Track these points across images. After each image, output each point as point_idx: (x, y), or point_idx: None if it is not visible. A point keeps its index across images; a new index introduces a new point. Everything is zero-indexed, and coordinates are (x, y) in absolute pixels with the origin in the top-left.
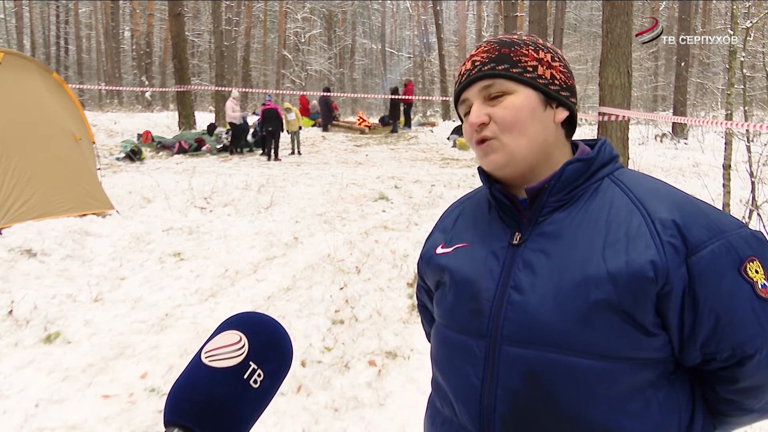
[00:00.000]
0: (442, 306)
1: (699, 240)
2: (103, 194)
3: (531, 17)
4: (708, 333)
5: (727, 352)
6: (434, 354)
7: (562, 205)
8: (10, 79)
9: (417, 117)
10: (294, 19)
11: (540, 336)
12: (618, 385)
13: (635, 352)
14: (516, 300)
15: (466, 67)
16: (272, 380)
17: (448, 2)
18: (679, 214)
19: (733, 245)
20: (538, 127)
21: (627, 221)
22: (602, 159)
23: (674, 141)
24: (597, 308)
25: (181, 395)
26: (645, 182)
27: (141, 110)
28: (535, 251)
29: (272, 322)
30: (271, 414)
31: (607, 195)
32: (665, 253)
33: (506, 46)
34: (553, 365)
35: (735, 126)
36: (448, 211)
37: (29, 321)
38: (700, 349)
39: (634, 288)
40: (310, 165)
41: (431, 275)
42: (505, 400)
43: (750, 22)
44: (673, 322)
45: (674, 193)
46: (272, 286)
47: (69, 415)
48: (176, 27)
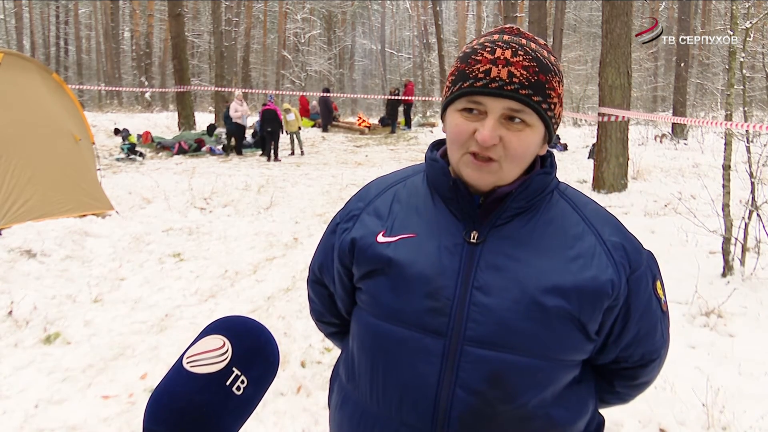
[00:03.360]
0: (379, 297)
1: (636, 261)
2: (102, 195)
3: (531, 18)
4: (629, 340)
5: (638, 356)
6: (368, 346)
7: (522, 212)
8: (9, 79)
9: (417, 117)
10: (294, 20)
11: (506, 339)
12: (559, 382)
13: (576, 354)
14: (482, 301)
15: (500, 73)
16: (256, 387)
17: (447, 3)
18: (621, 237)
19: (650, 266)
20: (530, 158)
21: (582, 238)
22: (554, 173)
23: (674, 141)
24: (558, 315)
25: (160, 402)
26: (588, 203)
27: (141, 111)
28: (499, 254)
29: (258, 326)
30: (271, 414)
31: (559, 208)
32: (618, 272)
33: (543, 72)
34: (515, 367)
35: (734, 126)
36: (373, 192)
37: (29, 321)
38: (618, 352)
39: (594, 301)
40: (309, 165)
41: (365, 264)
42: (464, 399)
43: (750, 23)
44: (606, 330)
45: (610, 216)
46: (272, 286)
47: (69, 415)
48: (176, 27)
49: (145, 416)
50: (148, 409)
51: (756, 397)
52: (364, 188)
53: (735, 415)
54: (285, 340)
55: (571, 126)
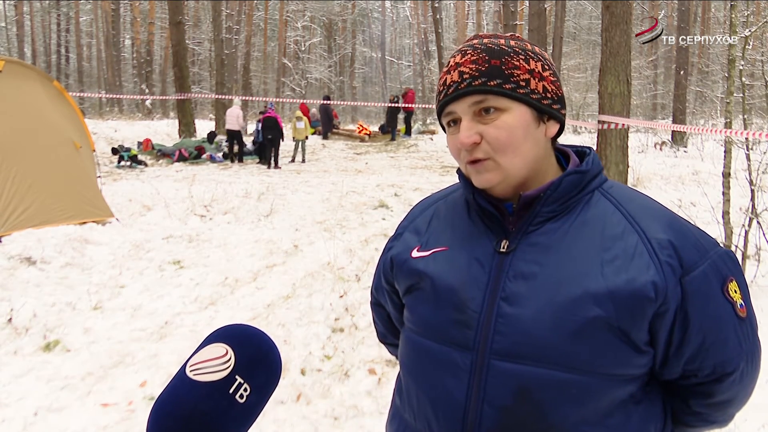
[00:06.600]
0: (416, 313)
1: (692, 260)
2: (103, 202)
3: (530, 26)
4: (694, 351)
5: (709, 369)
6: (407, 362)
7: (555, 215)
8: (10, 87)
9: (417, 125)
10: (294, 28)
11: (533, 351)
12: (604, 400)
13: (623, 368)
14: (508, 312)
15: (452, 78)
16: (259, 395)
17: (447, 11)
18: (672, 234)
19: (717, 266)
20: (531, 143)
21: (623, 238)
22: (593, 171)
23: (674, 149)
24: (593, 324)
25: (163, 410)
26: (634, 198)
27: (141, 118)
28: (528, 261)
29: (260, 334)
30: (271, 422)
31: (599, 208)
32: (664, 274)
33: (496, 56)
34: (545, 381)
35: (734, 134)
36: (418, 210)
37: (28, 329)
38: (684, 366)
39: (634, 307)
40: (309, 173)
41: (404, 279)
42: (492, 416)
43: (749, 31)
44: (662, 340)
45: (662, 211)
46: (272, 294)
47: (68, 423)
48: (177, 35)
49: (148, 424)
50: (152, 417)
51: (757, 406)
52: (413, 207)
53: (736, 423)
54: (285, 347)
55: (571, 134)
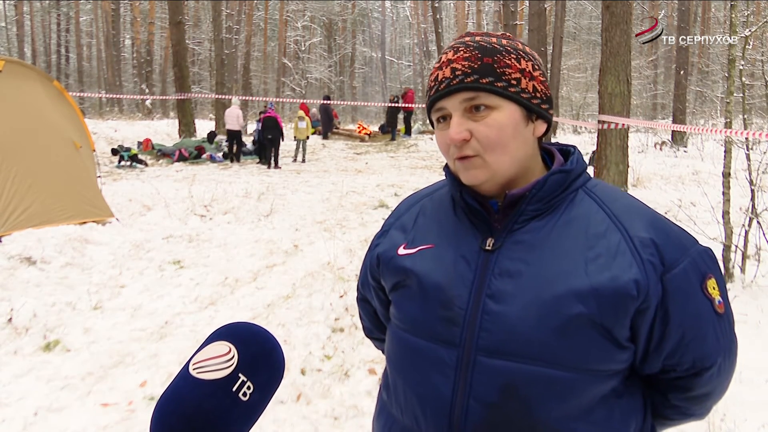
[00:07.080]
0: (403, 310)
1: (673, 258)
2: (103, 202)
3: (530, 26)
4: (673, 346)
5: (688, 363)
6: (394, 359)
7: (540, 214)
8: (10, 87)
9: (417, 125)
10: (294, 28)
11: (519, 348)
12: (587, 395)
13: (606, 364)
14: (494, 309)
15: (444, 74)
16: (262, 393)
17: (447, 11)
18: (654, 233)
19: (697, 263)
20: (519, 142)
21: (606, 237)
22: (577, 170)
23: (674, 149)
24: (577, 321)
25: (167, 408)
26: (618, 197)
27: (141, 118)
28: (513, 259)
29: (263, 332)
30: (271, 423)
31: (583, 207)
32: (646, 272)
33: (488, 54)
34: (530, 377)
35: (734, 134)
36: (404, 207)
37: (28, 329)
38: (663, 361)
39: (616, 304)
40: (309, 173)
41: (390, 276)
42: (478, 412)
43: (749, 31)
44: (643, 336)
45: (645, 210)
46: (272, 294)
47: (68, 423)
48: (177, 35)
49: (151, 423)
50: (155, 415)
51: (757, 405)
52: (399, 204)
53: (736, 423)
54: (285, 347)
55: (571, 134)
